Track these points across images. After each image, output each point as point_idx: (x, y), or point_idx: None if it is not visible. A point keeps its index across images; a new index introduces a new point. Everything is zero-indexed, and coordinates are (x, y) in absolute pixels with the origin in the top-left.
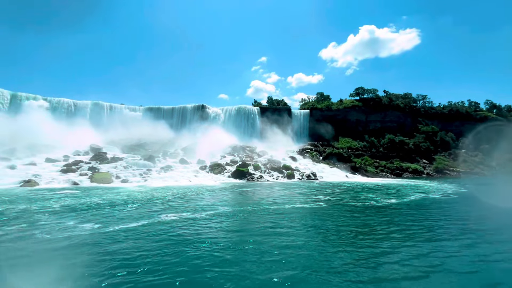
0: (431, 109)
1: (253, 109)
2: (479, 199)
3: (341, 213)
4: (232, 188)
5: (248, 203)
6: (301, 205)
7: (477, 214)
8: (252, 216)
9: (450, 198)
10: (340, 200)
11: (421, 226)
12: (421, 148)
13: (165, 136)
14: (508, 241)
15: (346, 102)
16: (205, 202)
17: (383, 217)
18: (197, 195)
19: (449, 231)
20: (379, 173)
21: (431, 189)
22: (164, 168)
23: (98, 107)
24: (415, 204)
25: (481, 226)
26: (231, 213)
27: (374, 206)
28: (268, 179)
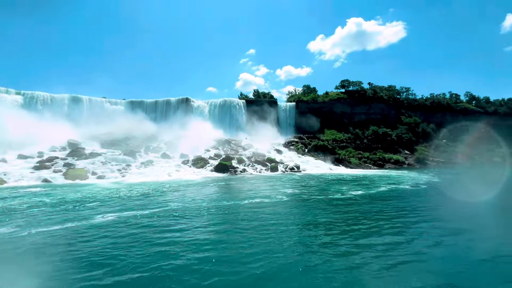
0: (414, 101)
1: (239, 102)
2: (444, 190)
3: (297, 207)
4: (212, 182)
5: (217, 198)
6: (261, 200)
7: (432, 206)
8: (214, 211)
9: (417, 189)
10: (307, 193)
11: (370, 219)
12: (403, 139)
13: (147, 130)
14: (451, 234)
15: (332, 95)
16: (173, 197)
17: (337, 212)
18: (172, 191)
19: (394, 224)
20: (362, 165)
21: (404, 179)
22: (145, 163)
23: (76, 101)
24: (379, 196)
25: (430, 218)
26: (195, 209)
27: (337, 199)
28: (252, 172)
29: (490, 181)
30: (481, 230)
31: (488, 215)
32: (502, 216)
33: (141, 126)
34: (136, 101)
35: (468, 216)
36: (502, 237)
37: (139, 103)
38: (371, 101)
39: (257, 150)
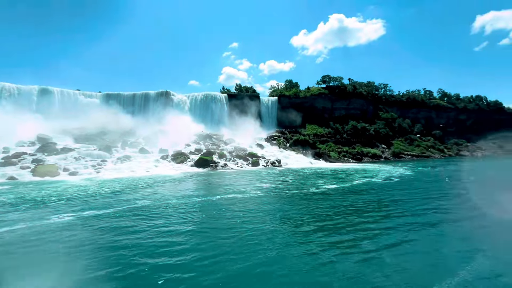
0: (391, 97)
1: (221, 96)
2: (415, 183)
3: (269, 203)
4: (190, 177)
5: (190, 194)
6: (234, 195)
7: (401, 199)
8: (182, 209)
9: (390, 182)
10: (283, 188)
11: (339, 214)
12: (380, 134)
13: (125, 124)
14: (416, 228)
15: (313, 90)
16: (145, 194)
17: (308, 207)
18: (145, 187)
19: (362, 220)
20: (341, 158)
21: (379, 173)
22: (122, 158)
23: (46, 93)
24: (352, 190)
25: (397, 212)
26: (163, 206)
27: (311, 193)
28: (233, 167)
29: (457, 174)
30: (445, 224)
31: (456, 208)
32: (464, 208)
33: (118, 120)
34: (113, 94)
35: (434, 210)
36: (465, 231)
37: (115, 96)
38: (351, 97)
39: (238, 145)
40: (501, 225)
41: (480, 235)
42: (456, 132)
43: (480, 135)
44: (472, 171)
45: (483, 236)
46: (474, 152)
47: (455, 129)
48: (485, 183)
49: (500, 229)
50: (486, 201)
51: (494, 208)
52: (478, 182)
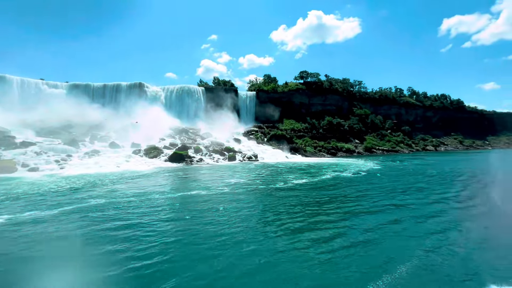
0: (365, 94)
1: (198, 89)
2: (380, 178)
3: (231, 200)
4: (161, 172)
5: (151, 191)
6: (198, 192)
7: (364, 194)
8: (134, 207)
9: (357, 176)
10: (251, 184)
11: (299, 211)
12: (354, 130)
13: (94, 117)
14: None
15: (291, 85)
16: (102, 192)
17: (269, 203)
18: (106, 184)
19: (318, 219)
20: (317, 153)
21: (350, 167)
22: (89, 153)
23: (3, 82)
24: (320, 185)
25: (360, 207)
26: (115, 205)
27: (278, 188)
28: (209, 162)
29: (420, 168)
30: (405, 222)
31: (415, 203)
32: (423, 203)
33: (87, 112)
34: (81, 84)
35: (394, 205)
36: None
37: (84, 86)
38: (327, 93)
39: (215, 139)
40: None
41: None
42: (423, 128)
43: (444, 131)
44: (433, 165)
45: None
46: (438, 147)
47: (422, 126)
48: (445, 176)
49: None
50: (442, 194)
51: (451, 202)
52: (439, 176)
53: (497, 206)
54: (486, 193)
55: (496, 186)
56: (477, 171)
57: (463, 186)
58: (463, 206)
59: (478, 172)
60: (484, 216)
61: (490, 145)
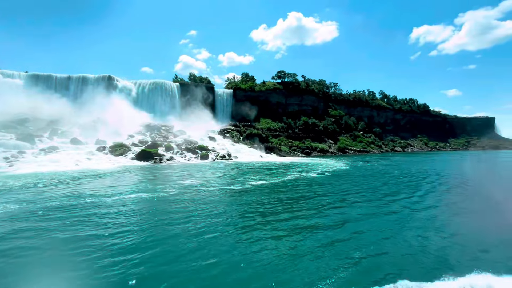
0: (340, 95)
1: (172, 85)
2: (342, 178)
3: (174, 203)
4: (121, 171)
5: (88, 194)
6: (139, 195)
7: (319, 196)
8: (53, 213)
9: (320, 177)
10: (207, 184)
11: (243, 216)
12: (329, 130)
13: (56, 111)
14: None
15: (269, 84)
16: (34, 194)
17: (215, 206)
18: (56, 184)
19: (260, 226)
20: (292, 152)
21: (318, 167)
22: (46, 150)
23: None
24: (278, 186)
25: (308, 212)
26: (26, 212)
27: (233, 190)
28: (179, 160)
29: (385, 169)
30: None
31: (368, 206)
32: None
33: (47, 105)
34: (42, 75)
35: (345, 208)
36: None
37: (45, 77)
38: (304, 93)
39: (189, 137)
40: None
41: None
42: (392, 130)
43: (411, 133)
44: (397, 165)
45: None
46: (405, 148)
47: (392, 128)
48: (407, 177)
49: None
50: (395, 196)
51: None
52: (401, 177)
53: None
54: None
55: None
56: (432, 171)
57: (420, 187)
58: (411, 207)
59: (433, 172)
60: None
61: (451, 147)
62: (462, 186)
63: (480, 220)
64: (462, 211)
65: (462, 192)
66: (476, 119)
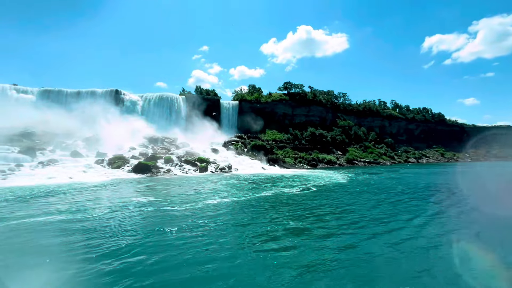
0: (349, 106)
1: (178, 98)
2: (327, 194)
3: (105, 224)
4: (113, 185)
5: (47, 212)
6: (76, 216)
7: (270, 220)
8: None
9: (299, 194)
10: (176, 202)
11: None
12: (337, 141)
13: (64, 125)
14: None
15: (275, 96)
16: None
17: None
18: (33, 197)
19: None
20: (296, 164)
21: (312, 180)
22: (44, 162)
23: None
24: (241, 205)
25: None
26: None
27: (194, 210)
28: (177, 173)
29: (388, 182)
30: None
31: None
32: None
33: (56, 119)
34: (53, 90)
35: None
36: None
37: (56, 92)
38: (311, 104)
39: (191, 150)
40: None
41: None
42: (406, 140)
43: (426, 143)
44: (405, 178)
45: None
46: (420, 159)
47: (405, 138)
48: (412, 193)
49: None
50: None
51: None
52: (403, 193)
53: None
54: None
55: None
56: (444, 186)
57: (421, 210)
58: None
59: (445, 188)
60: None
61: (470, 157)
62: (480, 211)
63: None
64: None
65: (479, 219)
66: (497, 128)
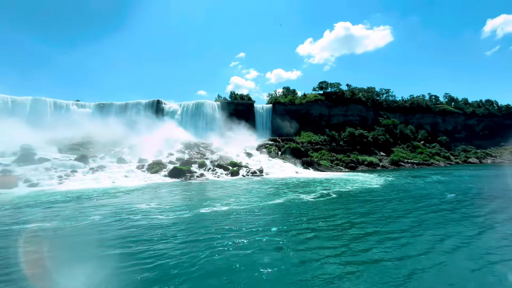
0: (394, 102)
1: (213, 104)
2: (349, 201)
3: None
4: (145, 189)
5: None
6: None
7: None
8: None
9: (313, 201)
10: (200, 204)
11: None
12: (379, 141)
13: (114, 133)
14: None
15: (309, 96)
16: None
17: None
18: (69, 201)
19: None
20: (333, 167)
21: (334, 186)
22: (94, 168)
23: (39, 104)
24: (244, 212)
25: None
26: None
27: (180, 218)
28: (209, 177)
29: (432, 188)
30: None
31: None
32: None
33: (108, 129)
34: (106, 103)
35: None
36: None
37: (108, 105)
38: (349, 103)
39: (225, 154)
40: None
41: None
42: (465, 138)
43: (491, 141)
44: (459, 182)
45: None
46: (483, 159)
47: (464, 135)
48: (459, 202)
49: None
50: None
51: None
52: (447, 202)
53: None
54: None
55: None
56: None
57: (461, 225)
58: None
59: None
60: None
61: None
62: None
63: None
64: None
65: None
66: None
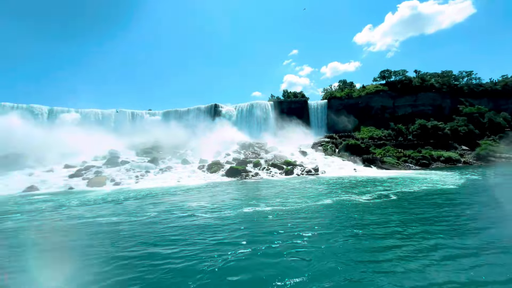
0: (479, 86)
1: (266, 104)
2: (412, 205)
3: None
4: (203, 187)
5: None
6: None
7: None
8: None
9: (368, 202)
10: (246, 203)
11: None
12: (460, 133)
13: (178, 137)
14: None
15: (369, 88)
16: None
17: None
18: (136, 198)
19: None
20: (400, 164)
21: (396, 186)
22: (163, 169)
23: (121, 115)
24: (288, 214)
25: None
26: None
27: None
28: (264, 176)
29: None
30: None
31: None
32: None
33: (173, 133)
34: (171, 110)
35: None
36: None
37: (173, 112)
38: (418, 91)
39: (280, 153)
40: None
41: None
42: None
43: None
44: None
45: None
46: None
47: None
48: None
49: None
50: None
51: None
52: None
53: None
54: None
55: None
56: None
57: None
58: None
59: None
60: None
61: None
62: None
63: None
64: None
65: None
66: None
